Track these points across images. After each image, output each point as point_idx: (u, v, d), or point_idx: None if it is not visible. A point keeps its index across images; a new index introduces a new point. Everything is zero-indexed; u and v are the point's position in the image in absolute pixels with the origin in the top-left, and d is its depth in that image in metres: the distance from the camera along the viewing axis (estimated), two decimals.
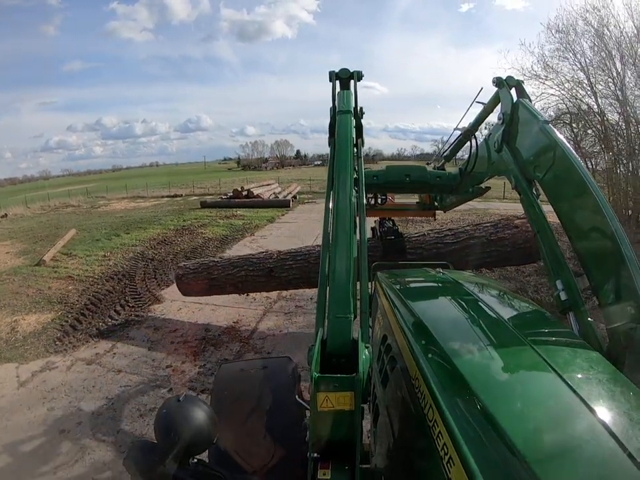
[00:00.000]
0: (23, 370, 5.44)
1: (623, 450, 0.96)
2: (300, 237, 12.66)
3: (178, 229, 15.28)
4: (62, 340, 6.31)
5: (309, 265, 5.97)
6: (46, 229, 17.12)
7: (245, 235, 13.93)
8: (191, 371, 5.11)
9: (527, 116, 2.66)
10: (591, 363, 1.43)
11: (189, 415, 1.51)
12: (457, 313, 2.04)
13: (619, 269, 1.93)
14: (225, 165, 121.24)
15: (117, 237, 14.18)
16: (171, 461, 1.41)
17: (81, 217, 20.97)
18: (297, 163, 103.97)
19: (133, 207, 25.20)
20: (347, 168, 2.37)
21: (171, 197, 30.60)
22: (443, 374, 1.40)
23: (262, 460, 1.94)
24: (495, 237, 5.74)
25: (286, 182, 35.76)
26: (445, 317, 2.00)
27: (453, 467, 1.06)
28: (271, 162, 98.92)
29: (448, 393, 1.28)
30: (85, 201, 31.88)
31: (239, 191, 23.54)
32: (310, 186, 33.00)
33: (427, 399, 1.33)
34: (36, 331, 6.73)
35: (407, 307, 2.07)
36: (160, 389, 4.68)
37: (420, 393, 1.41)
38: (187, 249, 11.84)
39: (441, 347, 1.56)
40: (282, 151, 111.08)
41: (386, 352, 2.01)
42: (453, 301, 2.22)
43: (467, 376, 1.32)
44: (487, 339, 1.65)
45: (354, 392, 1.30)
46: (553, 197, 2.47)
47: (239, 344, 5.75)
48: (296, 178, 42.56)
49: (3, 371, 5.43)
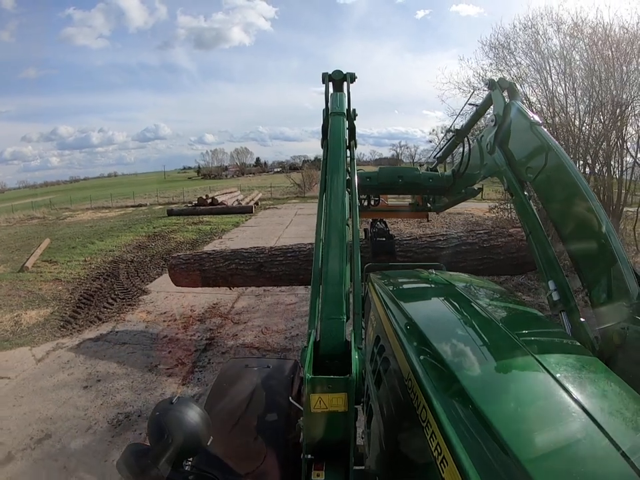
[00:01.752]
0: (37, 351, 6.37)
1: (617, 449, 0.96)
2: (263, 238, 14.12)
3: (150, 235, 16.08)
4: (65, 327, 7.24)
5: (299, 262, 6.09)
6: (18, 240, 17.45)
7: (214, 238, 14.98)
8: (182, 339, 6.36)
9: (519, 118, 2.69)
10: (583, 363, 1.42)
11: (182, 417, 1.52)
12: (450, 313, 2.04)
13: (610, 269, 1.95)
14: (184, 173, 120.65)
15: (92, 244, 14.79)
16: (164, 464, 1.40)
17: (49, 228, 21.11)
18: (257, 171, 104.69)
19: (100, 217, 25.45)
20: (339, 169, 2.39)
21: (136, 206, 30.91)
22: (435, 374, 1.40)
23: (254, 462, 1.94)
24: (488, 245, 5.74)
25: (247, 189, 36.87)
26: (438, 317, 2.01)
27: (446, 467, 1.08)
28: (231, 170, 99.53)
29: (441, 394, 1.29)
30: (49, 212, 31.63)
31: (203, 198, 24.38)
32: (271, 192, 34.31)
33: (420, 399, 1.34)
34: (39, 323, 7.54)
35: (399, 307, 2.07)
36: (161, 351, 5.89)
37: (413, 393, 1.42)
38: (162, 251, 12.74)
39: (434, 347, 1.55)
40: (242, 159, 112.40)
41: (379, 353, 2.00)
42: (446, 301, 2.21)
43: (459, 376, 1.32)
44: (480, 339, 1.64)
45: (347, 393, 1.32)
46: (544, 198, 2.51)
47: (220, 318, 6.98)
48: (257, 185, 43.83)
49: (18, 353, 6.33)
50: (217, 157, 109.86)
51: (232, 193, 29.12)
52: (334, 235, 1.95)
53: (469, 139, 3.63)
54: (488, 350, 1.55)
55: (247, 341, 6.23)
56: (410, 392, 1.44)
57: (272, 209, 24.75)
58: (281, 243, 11.99)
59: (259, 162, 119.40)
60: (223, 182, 66.08)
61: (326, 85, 3.33)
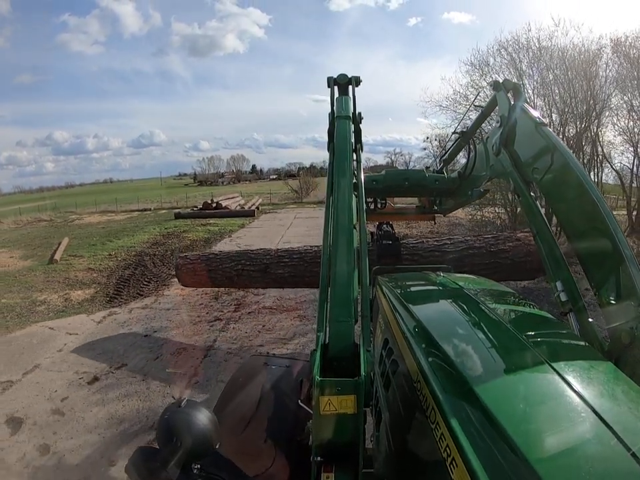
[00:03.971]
0: (94, 317, 7.90)
1: (627, 450, 0.95)
2: (268, 237, 15.87)
3: (163, 234, 17.47)
4: (112, 301, 8.74)
5: (305, 264, 6.21)
6: (35, 239, 18.50)
7: (224, 237, 16.53)
8: (215, 305, 8.01)
9: (524, 118, 2.68)
10: (592, 363, 1.42)
11: (191, 420, 1.53)
12: (458, 315, 2.03)
13: (618, 268, 1.94)
14: (180, 180, 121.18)
15: (110, 242, 15.89)
16: (173, 467, 1.42)
17: (62, 229, 22.20)
18: (253, 178, 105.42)
19: (107, 219, 26.54)
20: (346, 173, 2.40)
21: (141, 210, 32.20)
22: (444, 376, 1.39)
23: (263, 464, 1.96)
24: (495, 249, 5.69)
25: (247, 195, 38.51)
26: (446, 319, 2.00)
27: (455, 469, 1.07)
28: (227, 177, 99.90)
29: (450, 395, 1.29)
30: (56, 215, 32.71)
31: (208, 203, 25.87)
32: (270, 198, 35.94)
33: (429, 401, 1.34)
34: (87, 299, 9.01)
35: (407, 310, 2.06)
36: (200, 312, 7.56)
37: (422, 395, 1.41)
38: (179, 247, 14.14)
39: (442, 349, 1.54)
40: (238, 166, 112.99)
41: (387, 355, 2.00)
42: (454, 303, 2.20)
43: (468, 378, 1.32)
44: (488, 340, 1.63)
45: (356, 395, 1.35)
46: (551, 199, 2.52)
47: (243, 292, 8.51)
48: (255, 191, 45.42)
49: (78, 319, 7.85)
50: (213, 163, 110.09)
51: (234, 198, 30.92)
52: (342, 238, 1.98)
53: (474, 141, 3.65)
54: (496, 351, 1.55)
55: (266, 305, 7.82)
56: (419, 394, 1.44)
57: (272, 212, 26.38)
58: (284, 241, 14.06)
59: (255, 169, 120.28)
60: (219, 188, 67.05)
61: (331, 88, 3.32)
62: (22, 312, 8.35)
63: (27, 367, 5.80)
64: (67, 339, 6.83)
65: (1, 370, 5.72)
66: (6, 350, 6.45)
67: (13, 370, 5.74)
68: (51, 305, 8.77)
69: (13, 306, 8.73)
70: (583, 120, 11.47)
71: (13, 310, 8.46)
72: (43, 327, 7.51)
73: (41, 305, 8.74)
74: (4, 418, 4.58)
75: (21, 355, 6.24)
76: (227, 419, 2.13)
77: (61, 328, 7.39)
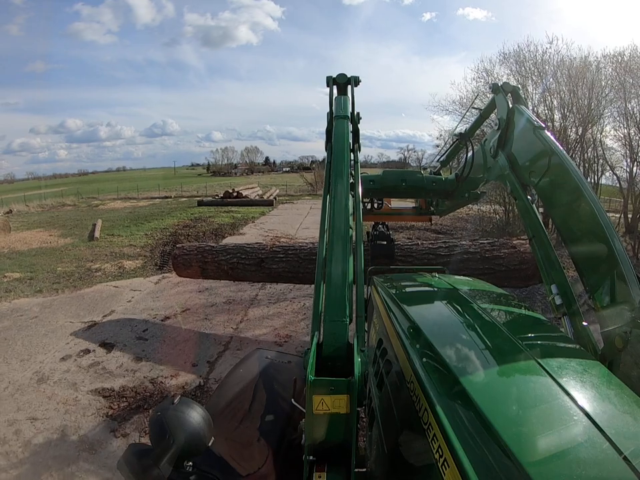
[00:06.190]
0: (150, 279, 9.18)
1: (619, 453, 0.96)
2: (288, 222, 17.53)
3: (191, 219, 18.45)
4: (162, 269, 10.00)
5: (300, 260, 6.23)
6: (67, 221, 19.36)
7: (248, 222, 17.69)
8: None
9: (523, 122, 2.67)
10: (586, 367, 1.42)
11: (184, 417, 1.52)
12: (453, 317, 2.02)
13: (613, 272, 1.96)
14: (193, 170, 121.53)
15: (142, 224, 16.83)
16: (166, 464, 1.41)
17: (90, 213, 23.10)
18: (266, 170, 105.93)
19: (131, 205, 27.46)
20: (343, 173, 2.40)
21: (162, 198, 33.31)
22: (437, 377, 1.39)
23: (256, 463, 1.95)
24: (490, 255, 5.68)
25: (263, 186, 39.62)
26: (441, 320, 2.00)
27: (447, 470, 1.08)
28: (240, 168, 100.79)
29: (443, 396, 1.29)
30: (79, 200, 34.06)
31: (229, 192, 26.89)
32: (286, 190, 37.37)
33: (422, 402, 1.34)
34: (138, 267, 10.22)
35: (402, 310, 2.05)
36: None
37: (415, 396, 1.41)
38: (210, 229, 15.28)
39: (436, 350, 1.54)
40: (251, 158, 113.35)
41: (381, 356, 2.00)
42: (449, 305, 2.19)
43: (461, 379, 1.32)
44: (482, 342, 1.64)
45: (349, 395, 1.34)
46: (548, 202, 2.51)
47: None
48: (268, 183, 46.62)
49: (137, 280, 9.13)
50: (226, 154, 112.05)
51: (253, 189, 32.01)
52: (337, 237, 1.97)
53: (472, 143, 3.66)
54: (490, 353, 1.55)
55: None
56: (412, 394, 1.44)
57: (289, 203, 27.56)
58: (303, 227, 15.41)
59: (268, 161, 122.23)
60: (232, 179, 67.76)
61: (330, 88, 3.29)
62: (82, 276, 9.51)
63: (104, 312, 7.12)
64: (132, 294, 8.13)
65: (82, 314, 7.03)
66: (81, 301, 7.77)
67: (93, 314, 7.04)
68: (106, 271, 9.90)
69: (72, 272, 9.87)
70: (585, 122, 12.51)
71: (72, 275, 9.63)
72: (108, 286, 8.77)
73: (97, 272, 9.85)
74: (98, 343, 5.85)
75: (96, 305, 7.53)
76: (220, 416, 2.16)
77: (124, 287, 8.67)
